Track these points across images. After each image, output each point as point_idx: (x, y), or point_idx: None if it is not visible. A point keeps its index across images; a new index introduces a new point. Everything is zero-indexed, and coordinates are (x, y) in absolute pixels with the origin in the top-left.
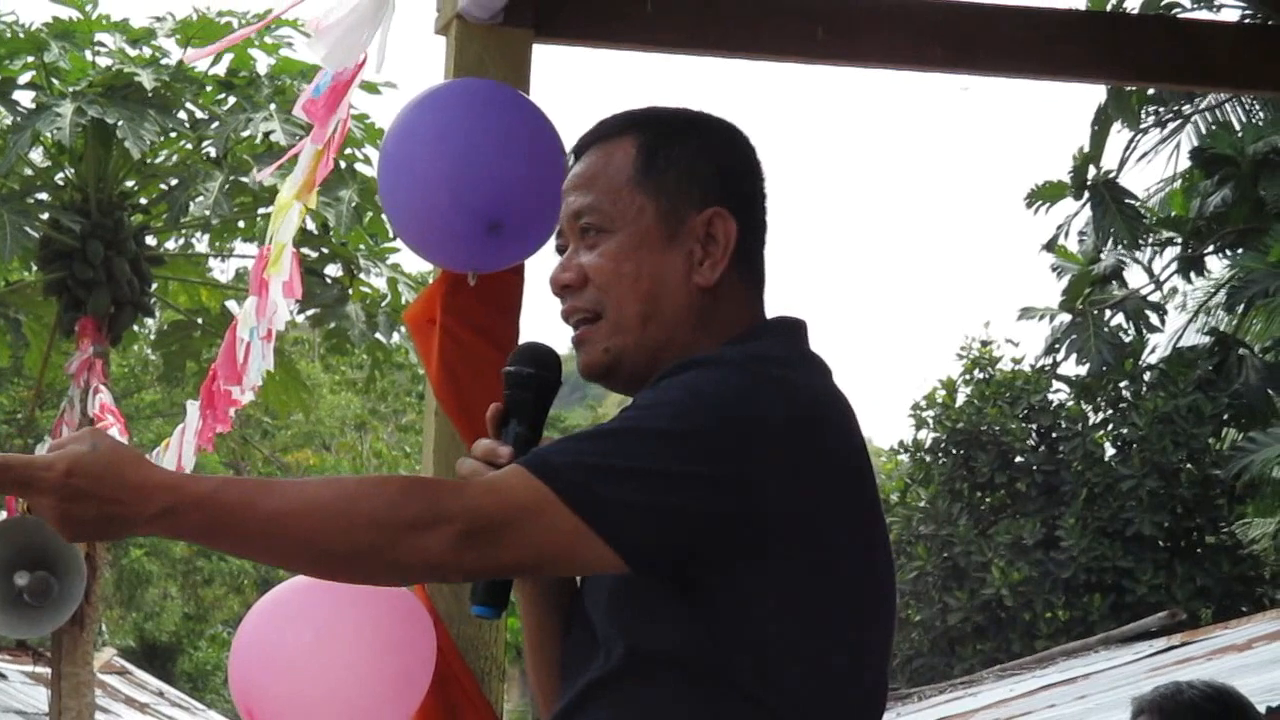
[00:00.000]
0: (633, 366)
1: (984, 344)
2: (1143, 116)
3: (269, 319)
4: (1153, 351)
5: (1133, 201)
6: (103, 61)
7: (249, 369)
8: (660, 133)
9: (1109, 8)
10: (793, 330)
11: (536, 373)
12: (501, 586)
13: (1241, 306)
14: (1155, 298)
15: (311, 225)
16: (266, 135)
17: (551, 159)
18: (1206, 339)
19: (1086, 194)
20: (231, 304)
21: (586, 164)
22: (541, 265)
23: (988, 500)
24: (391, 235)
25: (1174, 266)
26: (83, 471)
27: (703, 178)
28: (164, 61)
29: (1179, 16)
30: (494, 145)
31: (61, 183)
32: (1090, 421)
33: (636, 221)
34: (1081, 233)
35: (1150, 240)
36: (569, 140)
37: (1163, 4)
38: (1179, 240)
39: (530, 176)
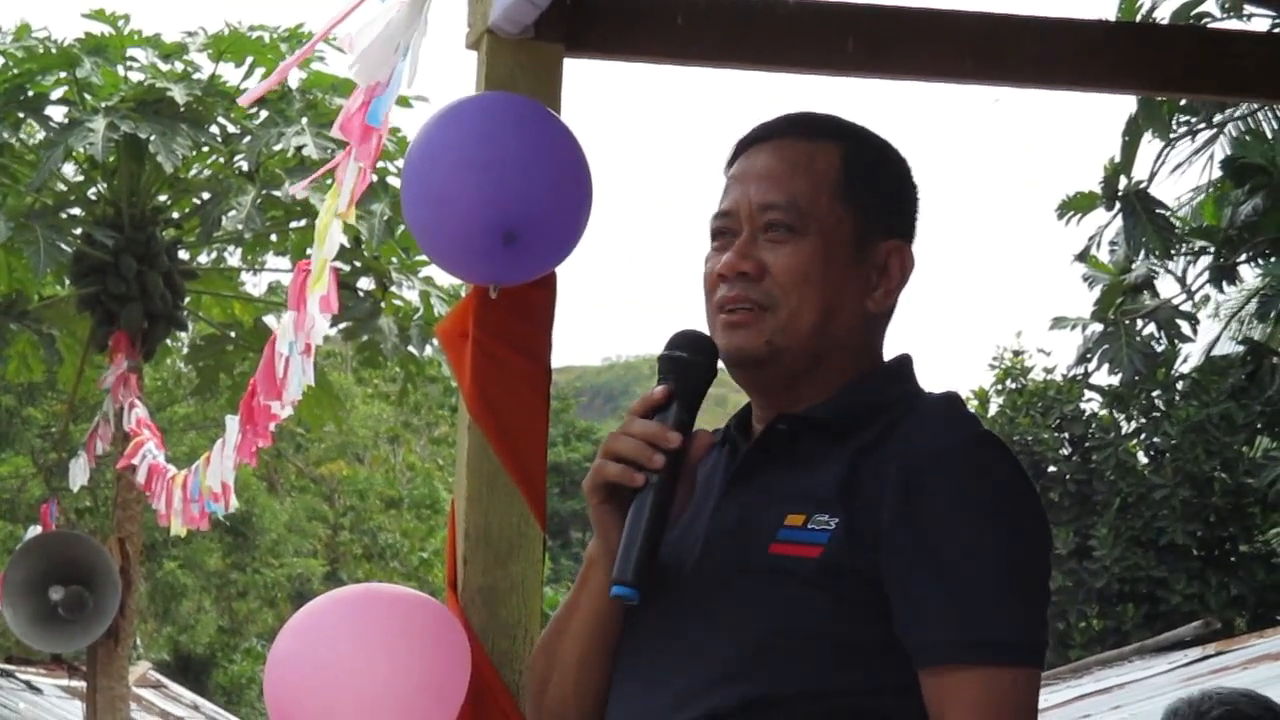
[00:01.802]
0: (784, 368)
1: (1016, 354)
2: (1174, 126)
3: (307, 333)
4: (1185, 361)
5: (1164, 212)
6: (135, 76)
7: (289, 384)
8: (864, 149)
9: (1139, 18)
10: (914, 370)
11: (703, 360)
12: (650, 566)
13: (1273, 315)
14: (1187, 307)
15: (344, 239)
16: (298, 149)
17: (571, 170)
18: (1239, 348)
19: (1118, 204)
20: (268, 319)
21: (779, 158)
22: (572, 277)
23: None
24: None
25: (1206, 276)
26: None
27: (895, 207)
28: (196, 76)
29: (1209, 26)
30: (509, 155)
31: (94, 198)
32: (1123, 431)
33: (833, 232)
34: (1113, 243)
35: (1183, 250)
36: (605, 151)
37: (1193, 14)
38: (1211, 250)
39: (547, 187)
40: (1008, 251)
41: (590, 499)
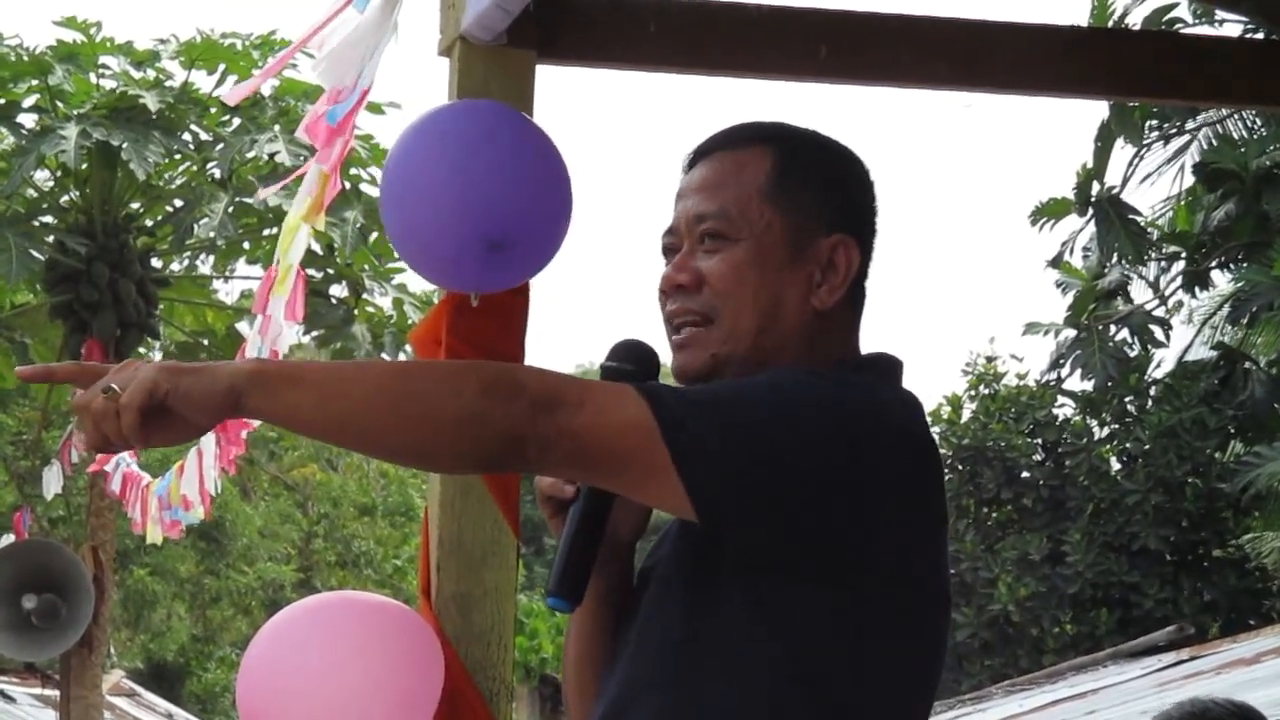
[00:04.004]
0: (732, 377)
1: (989, 360)
2: (1146, 132)
3: (270, 340)
4: (1158, 366)
5: (1136, 217)
6: (107, 84)
7: None
8: (795, 150)
9: (1111, 24)
10: (892, 368)
11: (637, 370)
12: (579, 577)
13: (1246, 320)
14: (1160, 313)
15: (317, 246)
16: (271, 156)
17: (553, 179)
18: (1213, 353)
19: (1090, 210)
20: (241, 326)
21: (713, 169)
22: (545, 283)
23: (994, 516)
24: (397, 255)
25: (1179, 281)
26: (168, 363)
27: (832, 202)
28: (168, 83)
29: (1181, 32)
30: (496, 164)
31: (66, 205)
32: (1095, 436)
33: (763, 235)
34: (1086, 249)
35: (1155, 255)
36: (577, 157)
37: (1164, 20)
38: (1184, 255)
39: (533, 196)
40: (981, 257)
41: (543, 512)
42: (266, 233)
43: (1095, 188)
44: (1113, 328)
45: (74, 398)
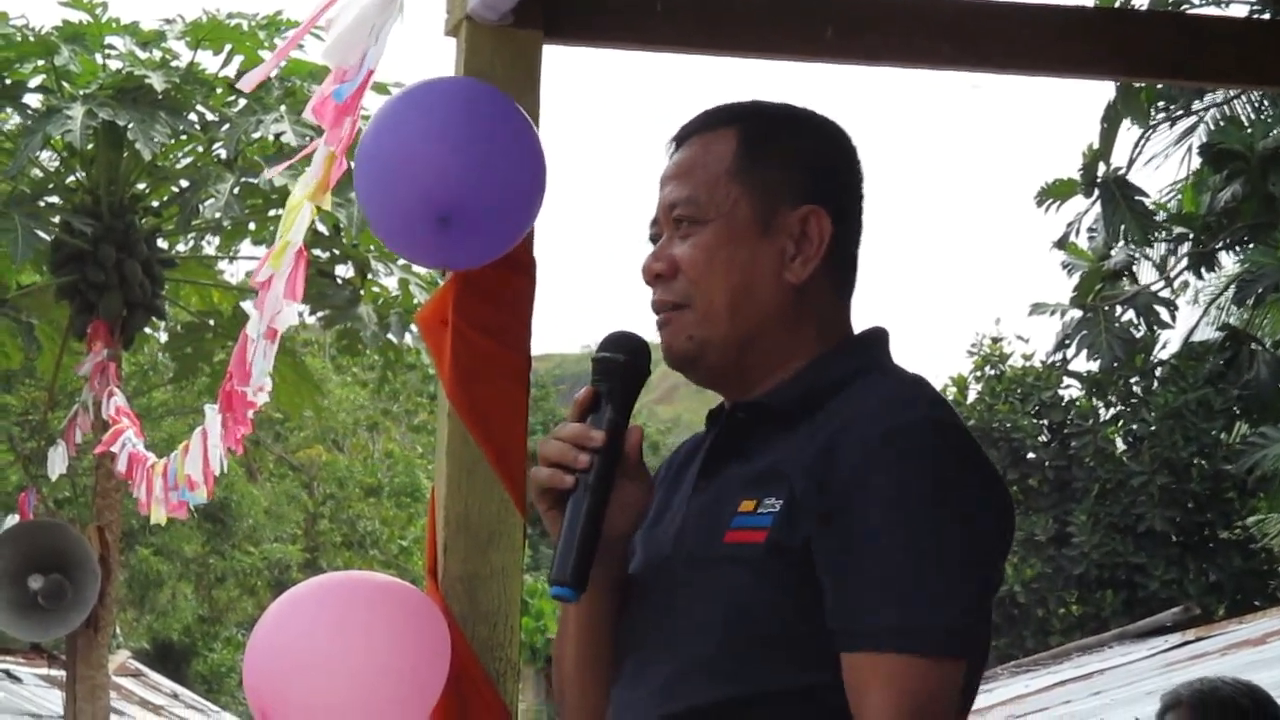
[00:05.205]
0: (716, 358)
1: (995, 340)
2: (1152, 113)
3: (268, 317)
4: (1164, 347)
5: (1142, 199)
6: (113, 64)
7: (254, 369)
8: (762, 127)
9: (1117, 4)
10: (887, 343)
11: (629, 360)
12: (584, 566)
13: (1252, 301)
14: (1166, 293)
15: (323, 227)
16: (277, 137)
17: (514, 154)
18: (1218, 334)
19: (1096, 191)
20: (247, 305)
21: (685, 154)
22: (552, 264)
23: None
24: None
25: (1185, 262)
26: None
27: (802, 175)
28: (174, 64)
29: (1187, 12)
30: (443, 137)
31: (73, 186)
32: (1101, 417)
33: (731, 214)
34: (1091, 230)
35: (1163, 236)
36: (586, 138)
37: (1172, 1)
38: (1190, 236)
39: (484, 170)
40: (986, 238)
41: (538, 506)
42: (272, 213)
43: (1101, 169)
44: (1119, 308)
45: None
